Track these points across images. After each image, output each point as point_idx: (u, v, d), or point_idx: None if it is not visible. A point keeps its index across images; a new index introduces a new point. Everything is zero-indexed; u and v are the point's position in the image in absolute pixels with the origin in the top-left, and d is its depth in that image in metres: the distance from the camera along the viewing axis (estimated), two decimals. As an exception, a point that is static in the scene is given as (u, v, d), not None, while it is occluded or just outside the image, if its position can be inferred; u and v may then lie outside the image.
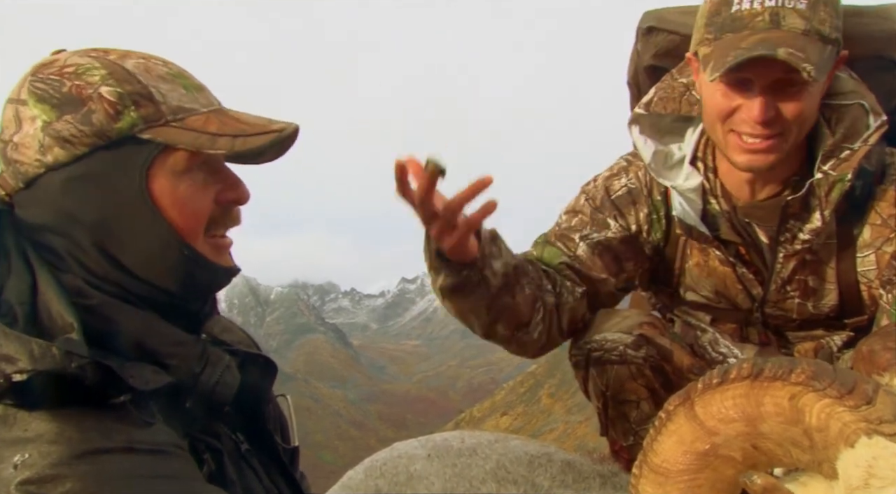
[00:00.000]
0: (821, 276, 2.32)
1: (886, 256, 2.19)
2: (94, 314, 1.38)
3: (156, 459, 1.33)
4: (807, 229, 2.22)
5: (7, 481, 1.19)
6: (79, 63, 1.42)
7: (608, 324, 2.42)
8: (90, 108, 1.38)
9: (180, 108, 1.44)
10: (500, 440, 2.36)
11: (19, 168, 1.41)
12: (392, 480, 2.25)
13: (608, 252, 2.44)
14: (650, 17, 2.54)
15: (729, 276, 2.42)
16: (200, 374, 1.49)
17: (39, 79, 1.41)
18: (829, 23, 2.01)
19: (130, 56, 1.45)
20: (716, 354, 2.48)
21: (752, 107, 2.05)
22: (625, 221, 2.45)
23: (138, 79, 1.42)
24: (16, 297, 1.34)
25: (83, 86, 1.39)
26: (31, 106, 1.39)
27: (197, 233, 1.47)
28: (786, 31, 1.99)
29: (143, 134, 1.40)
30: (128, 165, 1.41)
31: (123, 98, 1.39)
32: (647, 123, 2.38)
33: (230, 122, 1.46)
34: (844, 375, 1.33)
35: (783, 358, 1.37)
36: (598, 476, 2.08)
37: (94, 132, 1.38)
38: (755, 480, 1.25)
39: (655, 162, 2.35)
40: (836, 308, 2.35)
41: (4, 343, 1.25)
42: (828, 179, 2.13)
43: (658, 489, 1.38)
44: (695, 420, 1.36)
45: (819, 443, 1.32)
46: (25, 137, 1.39)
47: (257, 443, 1.67)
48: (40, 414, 1.26)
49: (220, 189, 1.51)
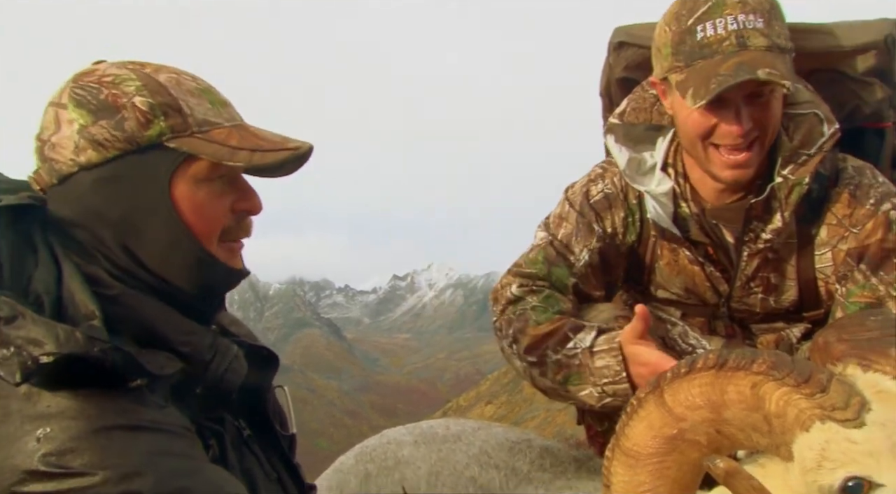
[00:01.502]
0: (782, 273, 2.34)
1: (842, 254, 2.21)
2: (115, 303, 1.41)
3: (166, 438, 1.35)
4: (769, 229, 2.24)
5: (31, 452, 1.23)
6: (116, 74, 1.45)
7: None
8: (123, 116, 1.42)
9: (205, 121, 1.48)
10: (483, 427, 2.37)
11: (54, 165, 1.45)
12: (381, 465, 2.25)
13: (599, 267, 2.47)
14: (621, 32, 2.58)
15: (697, 274, 2.43)
16: (210, 362, 1.51)
17: (80, 86, 1.45)
18: (783, 34, 2.06)
19: (163, 70, 1.49)
20: (685, 346, 2.49)
21: (731, 123, 2.08)
22: (603, 225, 2.46)
23: (169, 91, 1.46)
24: (43, 287, 1.37)
25: (119, 95, 1.43)
26: (71, 110, 1.43)
27: (212, 237, 1.51)
28: (753, 50, 2.03)
29: (169, 142, 1.45)
30: (154, 170, 1.45)
31: (154, 108, 1.43)
32: (622, 132, 2.39)
33: (250, 138, 1.49)
34: (801, 365, 1.35)
35: (746, 349, 1.38)
36: (574, 461, 2.09)
37: (126, 138, 1.42)
38: (718, 464, 1.26)
39: (629, 168, 2.36)
40: (796, 302, 2.37)
41: (33, 328, 1.27)
42: (787, 183, 2.15)
43: (629, 471, 1.39)
44: (664, 407, 1.38)
45: (777, 428, 1.34)
46: (63, 138, 1.44)
47: (258, 430, 1.68)
48: (62, 393, 1.28)
49: (236, 198, 1.54)
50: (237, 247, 1.59)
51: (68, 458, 1.24)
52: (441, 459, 2.19)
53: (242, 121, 1.56)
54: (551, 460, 2.10)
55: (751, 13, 2.04)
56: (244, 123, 1.55)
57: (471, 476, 2.09)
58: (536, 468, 2.08)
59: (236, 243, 1.58)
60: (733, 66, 2.02)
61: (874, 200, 2.20)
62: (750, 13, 2.04)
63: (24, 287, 1.37)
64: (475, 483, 2.06)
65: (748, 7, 2.04)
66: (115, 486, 1.24)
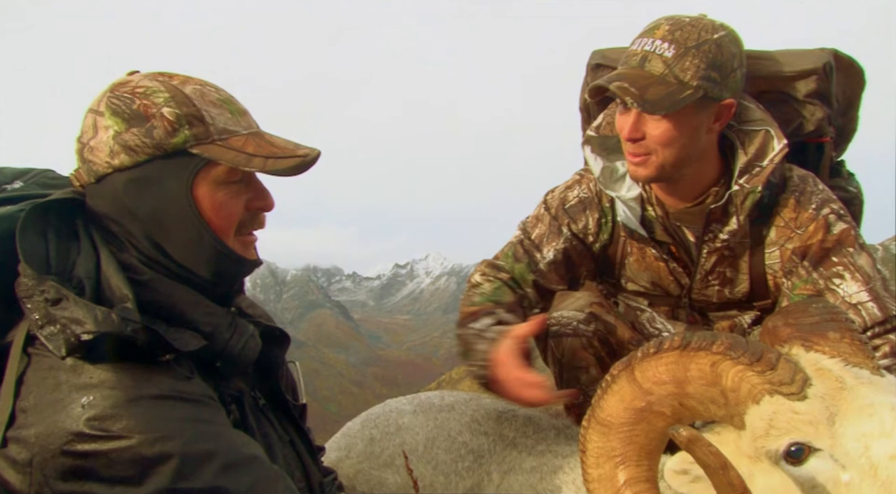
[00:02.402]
0: (736, 268, 2.33)
1: (788, 252, 2.20)
2: (145, 287, 1.42)
3: (192, 406, 1.36)
4: (726, 231, 2.24)
5: (77, 416, 1.24)
6: (147, 85, 1.45)
7: (564, 304, 2.43)
8: (153, 124, 1.42)
9: (225, 130, 1.47)
10: (474, 398, 2.35)
11: (92, 166, 1.45)
12: (384, 430, 2.25)
13: (563, 265, 2.45)
14: (597, 55, 2.56)
15: (662, 269, 2.43)
16: (230, 340, 1.51)
17: (115, 95, 1.44)
18: (693, 72, 1.99)
19: (190, 82, 1.48)
20: (652, 329, 2.49)
21: (623, 124, 2.10)
22: (577, 226, 2.45)
23: (194, 102, 1.45)
24: (84, 273, 1.38)
25: (149, 105, 1.42)
26: (107, 117, 1.43)
27: (228, 232, 1.50)
28: (644, 71, 2.02)
29: (193, 149, 1.44)
30: (178, 173, 1.45)
31: (180, 118, 1.42)
32: (597, 143, 2.37)
33: (265, 145, 1.48)
34: (754, 346, 1.35)
35: (707, 332, 1.38)
36: (554, 429, 2.08)
37: (154, 144, 1.42)
38: (681, 432, 1.25)
39: (603, 176, 2.35)
40: (748, 293, 2.37)
41: (75, 309, 1.29)
42: (743, 191, 2.15)
43: (602, 438, 1.39)
44: (634, 383, 1.38)
45: (732, 401, 1.34)
46: (99, 143, 1.43)
47: (272, 400, 1.69)
48: (102, 366, 1.30)
49: (251, 197, 1.54)
50: (251, 240, 1.58)
51: (109, 423, 1.25)
52: (437, 426, 2.18)
53: (258, 129, 1.55)
54: (534, 428, 2.09)
55: (667, 42, 2.01)
56: (260, 131, 1.54)
57: (463, 442, 2.08)
58: (521, 434, 2.07)
59: (250, 236, 1.58)
60: (614, 74, 2.05)
61: (815, 205, 2.20)
62: (667, 42, 2.01)
63: (69, 272, 1.38)
64: (467, 447, 2.05)
65: (669, 37, 2.01)
66: (149, 448, 1.26)
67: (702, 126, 2.09)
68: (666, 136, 2.05)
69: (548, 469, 1.86)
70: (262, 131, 1.55)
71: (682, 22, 2.04)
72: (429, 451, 2.09)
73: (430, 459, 2.05)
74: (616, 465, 1.37)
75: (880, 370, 1.42)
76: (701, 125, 2.09)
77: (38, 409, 1.27)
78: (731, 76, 2.06)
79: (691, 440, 1.24)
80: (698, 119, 2.07)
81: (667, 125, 2.04)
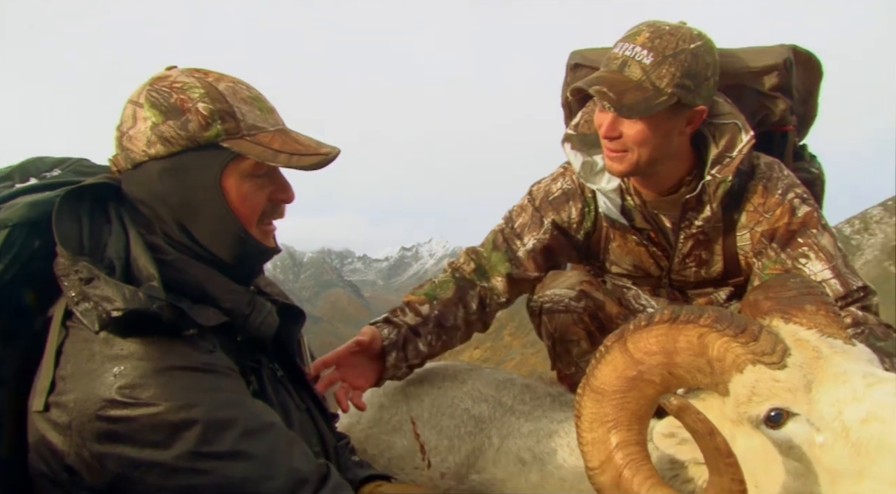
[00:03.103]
0: (711, 250, 2.31)
1: (757, 234, 2.19)
2: (171, 267, 1.40)
3: (215, 377, 1.35)
4: (701, 217, 2.22)
5: (109, 385, 1.25)
6: (184, 81, 1.43)
7: (556, 283, 2.42)
8: (188, 118, 1.40)
9: (254, 126, 1.45)
10: (475, 369, 2.34)
11: (129, 154, 1.44)
12: (392, 398, 2.22)
13: (542, 253, 2.42)
14: (576, 55, 2.52)
15: (643, 253, 2.40)
16: (249, 316, 1.49)
17: (155, 89, 1.42)
18: (669, 80, 1.96)
19: (224, 79, 1.46)
20: (637, 305, 2.48)
21: (601, 121, 2.07)
22: (560, 218, 2.42)
23: (226, 99, 1.43)
24: (114, 253, 1.37)
25: (186, 99, 1.41)
26: (146, 109, 1.41)
27: (252, 221, 1.48)
28: (622, 75, 1.98)
29: (223, 142, 1.42)
30: (209, 165, 1.43)
31: (213, 114, 1.41)
32: (577, 140, 2.34)
33: (290, 142, 1.46)
34: (738, 319, 1.34)
35: (695, 306, 1.36)
36: (549, 396, 2.07)
37: (188, 137, 1.40)
38: (671, 401, 1.24)
39: (584, 170, 2.32)
40: (722, 272, 2.35)
41: (105, 287, 1.28)
42: (715, 181, 2.13)
43: (596, 404, 1.37)
44: (626, 353, 1.36)
45: (717, 370, 1.33)
46: (138, 132, 1.42)
47: (289, 371, 1.67)
48: (132, 339, 1.30)
49: (274, 190, 1.51)
50: (271, 229, 1.56)
51: (138, 391, 1.26)
52: (441, 394, 2.16)
53: (284, 126, 1.52)
54: (530, 395, 2.08)
55: (647, 49, 1.97)
56: (286, 128, 1.52)
57: (465, 408, 2.06)
58: (519, 401, 2.05)
59: (271, 226, 1.56)
60: (594, 77, 2.03)
61: (781, 191, 2.18)
62: (646, 49, 1.98)
63: (101, 253, 1.37)
64: (469, 413, 2.03)
65: (649, 45, 1.98)
66: (174, 414, 1.25)
67: (674, 129, 2.07)
68: (640, 137, 2.03)
69: (544, 433, 1.84)
70: (288, 129, 1.52)
71: (662, 30, 2.00)
72: (434, 417, 2.07)
73: (435, 425, 2.03)
74: (609, 429, 1.35)
75: (852, 340, 1.40)
76: (673, 128, 2.07)
77: (75, 378, 1.28)
78: (705, 85, 2.03)
79: (681, 407, 1.22)
80: (671, 123, 2.05)
81: (641, 126, 2.02)
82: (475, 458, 1.88)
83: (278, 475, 1.30)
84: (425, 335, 2.25)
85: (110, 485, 1.26)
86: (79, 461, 1.25)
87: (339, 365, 2.09)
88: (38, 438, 1.29)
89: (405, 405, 2.17)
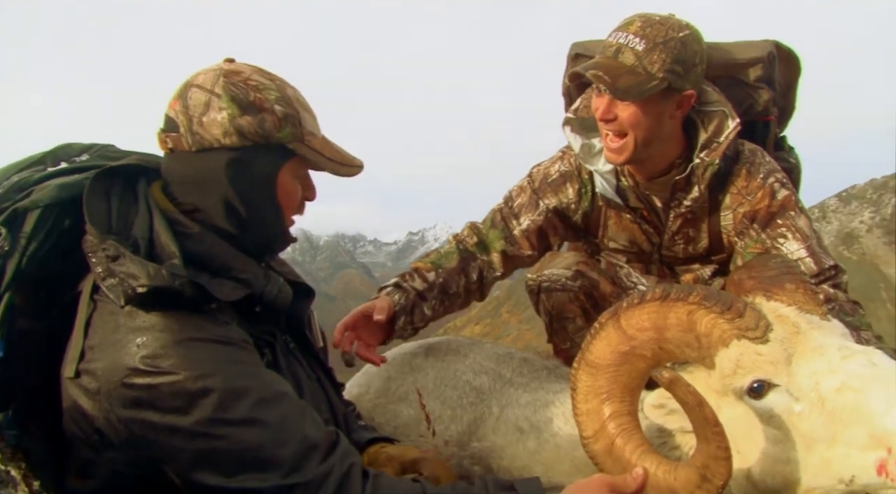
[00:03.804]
0: (697, 229, 2.29)
1: (739, 215, 2.17)
2: (192, 239, 1.39)
3: (231, 348, 1.34)
4: (689, 198, 2.20)
5: (133, 354, 1.25)
6: (259, 81, 1.43)
7: (554, 263, 2.40)
8: (264, 117, 1.41)
9: (310, 133, 1.47)
10: (476, 343, 2.30)
11: (199, 138, 1.41)
12: (398, 370, 2.19)
13: (535, 234, 2.41)
14: (577, 46, 2.48)
15: (636, 230, 2.38)
16: (266, 287, 1.48)
17: (233, 83, 1.41)
18: (660, 65, 1.94)
19: (288, 86, 1.48)
20: (629, 283, 2.45)
21: (598, 106, 2.05)
22: (557, 199, 2.40)
23: (294, 105, 1.45)
24: (140, 233, 1.36)
25: (263, 100, 1.41)
26: (223, 100, 1.39)
27: (289, 214, 1.52)
28: (616, 61, 1.97)
29: (288, 144, 1.44)
30: (273, 161, 1.45)
31: (286, 117, 1.43)
32: (576, 123, 2.32)
33: (333, 151, 1.50)
34: (725, 297, 1.32)
35: (684, 285, 1.34)
36: (546, 369, 2.03)
37: (262, 134, 1.41)
38: (663, 374, 1.22)
39: (582, 152, 2.30)
40: (707, 249, 2.33)
41: (130, 265, 1.28)
42: (703, 164, 2.11)
43: (590, 378, 1.35)
44: (620, 329, 1.34)
45: (705, 345, 1.31)
46: (213, 121, 1.40)
47: (300, 344, 1.66)
48: (154, 312, 1.29)
49: (305, 188, 1.55)
50: (293, 222, 1.58)
51: (159, 360, 1.24)
52: (444, 367, 2.13)
53: (322, 133, 1.55)
54: (528, 368, 2.04)
55: (639, 37, 1.96)
56: (324, 136, 1.54)
57: (467, 380, 2.03)
58: (517, 374, 2.01)
59: (293, 220, 1.57)
60: (592, 62, 2.01)
61: (763, 175, 2.17)
62: (638, 37, 1.96)
63: (127, 232, 1.36)
64: (470, 385, 2.00)
65: (641, 33, 1.96)
66: (192, 383, 1.24)
67: (665, 112, 2.05)
68: (634, 119, 2.01)
69: (541, 404, 1.81)
70: (324, 135, 1.54)
71: (652, 20, 1.99)
72: (437, 389, 2.03)
73: (439, 395, 2.00)
74: (602, 401, 1.33)
75: (827, 316, 1.39)
76: (664, 112, 2.05)
77: (102, 347, 1.28)
78: (693, 70, 2.02)
79: (672, 380, 1.21)
80: (662, 106, 2.03)
81: (634, 109, 2.00)
82: (476, 427, 1.85)
83: (290, 441, 1.28)
84: (430, 300, 2.29)
85: (136, 447, 1.25)
86: (107, 424, 1.25)
87: (356, 327, 2.15)
88: (70, 403, 1.29)
89: (411, 377, 2.13)
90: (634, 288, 2.38)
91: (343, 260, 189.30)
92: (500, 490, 1.33)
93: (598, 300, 2.34)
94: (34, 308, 1.39)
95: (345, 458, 1.32)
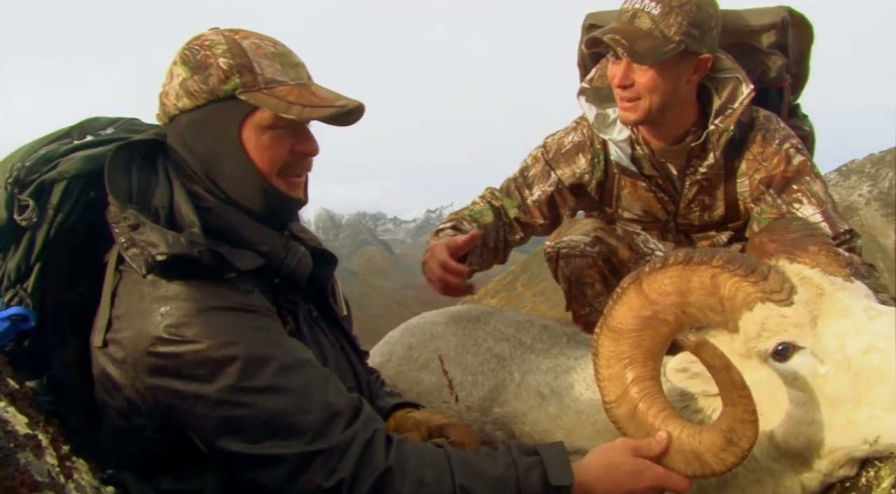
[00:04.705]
0: (713, 196, 2.24)
1: (755, 181, 2.12)
2: (210, 213, 1.36)
3: (254, 316, 1.31)
4: (704, 165, 2.15)
5: (157, 323, 1.22)
6: (213, 39, 1.36)
7: (572, 230, 2.34)
8: (210, 72, 1.33)
9: (273, 80, 1.35)
10: (497, 311, 2.27)
11: (165, 108, 1.39)
12: (420, 338, 2.16)
13: (546, 204, 2.40)
14: (591, 17, 2.43)
15: (651, 199, 2.33)
16: (285, 258, 1.43)
17: (188, 47, 1.36)
18: (676, 29, 1.91)
19: (250, 37, 1.37)
20: (646, 249, 2.39)
21: (615, 71, 2.01)
22: (570, 169, 2.37)
23: (247, 54, 1.34)
24: (160, 202, 1.33)
25: (209, 55, 1.33)
26: (178, 66, 1.36)
27: (272, 173, 1.39)
28: (633, 26, 1.94)
29: (241, 95, 1.33)
30: (228, 117, 1.35)
31: (232, 68, 1.33)
32: (591, 94, 2.28)
33: (307, 95, 1.36)
34: (748, 260, 1.28)
35: (707, 248, 1.28)
36: (565, 335, 1.99)
37: (209, 90, 1.33)
38: (689, 338, 1.18)
39: (597, 122, 2.26)
40: (723, 216, 2.27)
41: (150, 233, 1.25)
42: (718, 130, 2.06)
43: (612, 343, 1.31)
44: (642, 294, 1.30)
45: (728, 308, 1.27)
46: (171, 88, 1.37)
47: (323, 312, 1.61)
48: (177, 282, 1.26)
49: (295, 142, 1.41)
50: (297, 181, 1.46)
51: (182, 329, 1.22)
52: (465, 334, 2.09)
53: (308, 81, 1.42)
54: (548, 335, 2.00)
55: (654, 1, 1.93)
56: (308, 83, 1.41)
57: (488, 347, 1.99)
58: (537, 340, 1.98)
59: (297, 178, 1.46)
60: (609, 28, 1.97)
61: (778, 141, 2.11)
62: (654, 1, 1.93)
63: (148, 202, 1.33)
64: (491, 352, 1.97)
65: None
66: (216, 351, 1.22)
67: (682, 76, 2.00)
68: (651, 83, 1.96)
69: (561, 370, 1.77)
70: (311, 83, 1.41)
71: None
72: (459, 356, 2.00)
73: (460, 362, 1.96)
74: (625, 366, 1.29)
75: (851, 277, 1.34)
76: (681, 75, 1.99)
77: (128, 317, 1.26)
78: (709, 34, 1.97)
79: (699, 344, 1.16)
80: (679, 69, 1.98)
81: (652, 73, 1.95)
82: (498, 393, 1.82)
83: (313, 408, 1.25)
84: (478, 248, 2.29)
85: (163, 414, 1.24)
86: (134, 392, 1.24)
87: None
88: (100, 371, 1.28)
89: (433, 344, 2.10)
90: (652, 255, 2.33)
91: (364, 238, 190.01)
92: (523, 455, 1.29)
93: (617, 266, 2.29)
94: (64, 278, 1.37)
95: (368, 424, 1.29)
